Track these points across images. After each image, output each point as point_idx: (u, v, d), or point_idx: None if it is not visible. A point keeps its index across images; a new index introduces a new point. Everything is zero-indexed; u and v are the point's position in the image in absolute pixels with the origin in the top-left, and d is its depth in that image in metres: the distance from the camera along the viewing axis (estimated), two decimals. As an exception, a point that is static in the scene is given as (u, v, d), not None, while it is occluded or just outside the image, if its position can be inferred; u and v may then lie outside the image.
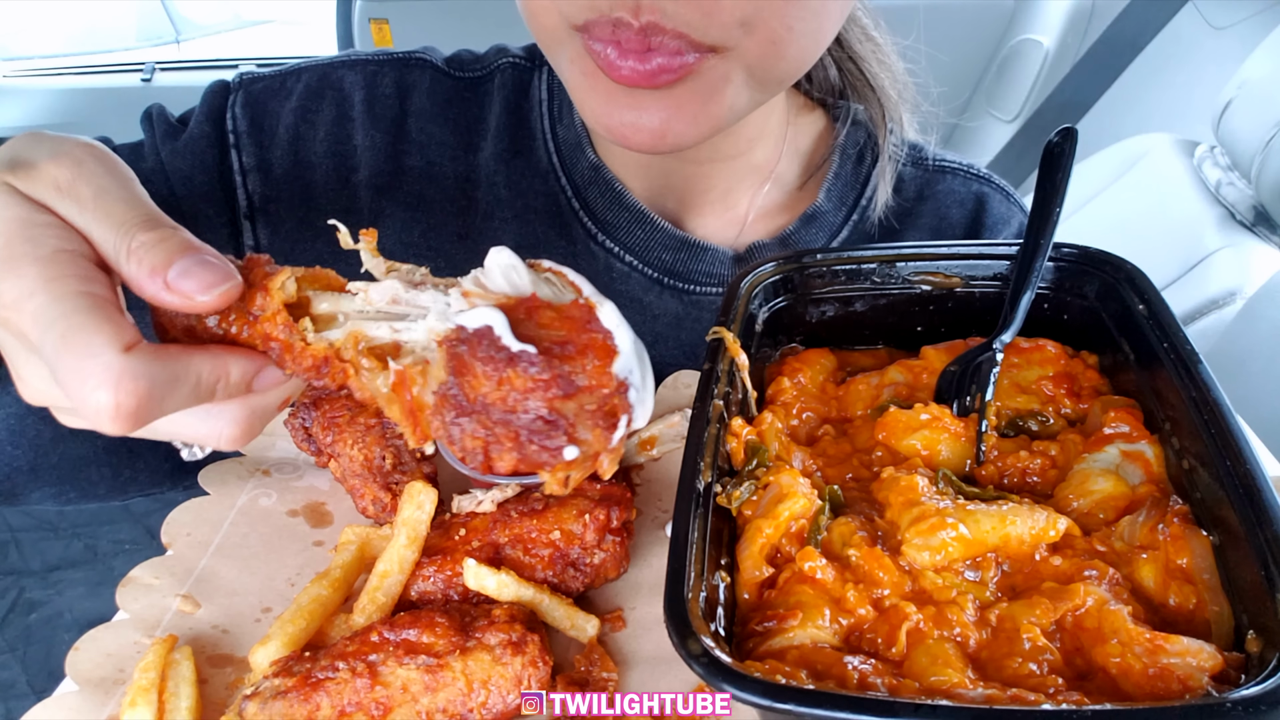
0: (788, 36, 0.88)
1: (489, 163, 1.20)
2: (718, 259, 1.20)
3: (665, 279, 1.20)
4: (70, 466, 1.12)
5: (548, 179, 1.20)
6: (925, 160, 1.30)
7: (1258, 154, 2.36)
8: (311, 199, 1.18)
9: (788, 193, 1.25)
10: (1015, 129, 3.67)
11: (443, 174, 1.20)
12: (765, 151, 1.21)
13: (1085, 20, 3.49)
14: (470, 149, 1.21)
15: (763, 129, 1.18)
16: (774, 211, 1.24)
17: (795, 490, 0.75)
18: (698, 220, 1.23)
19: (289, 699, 0.70)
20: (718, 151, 1.15)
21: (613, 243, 1.19)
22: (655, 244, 1.19)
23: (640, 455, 1.00)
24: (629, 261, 1.19)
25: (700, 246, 1.19)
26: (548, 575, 0.81)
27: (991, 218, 1.29)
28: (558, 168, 1.20)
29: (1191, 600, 0.68)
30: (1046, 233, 0.89)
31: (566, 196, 1.19)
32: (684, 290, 1.20)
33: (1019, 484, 0.81)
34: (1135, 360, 0.84)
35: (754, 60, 0.89)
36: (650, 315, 1.21)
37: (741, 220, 1.23)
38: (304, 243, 1.18)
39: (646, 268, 1.19)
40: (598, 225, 1.19)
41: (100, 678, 0.77)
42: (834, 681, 0.62)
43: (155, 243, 0.59)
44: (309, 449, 0.97)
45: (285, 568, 0.89)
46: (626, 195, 1.18)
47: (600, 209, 1.19)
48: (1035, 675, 0.62)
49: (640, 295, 1.20)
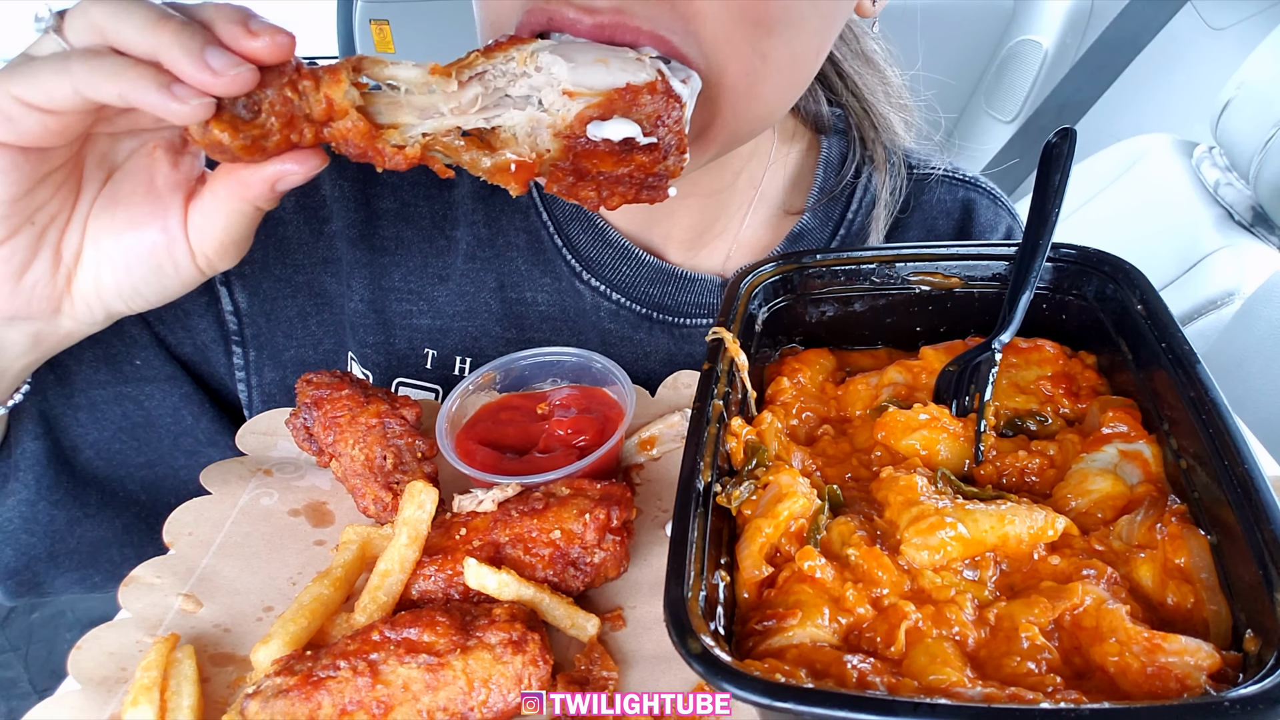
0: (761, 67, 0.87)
1: (465, 200, 1.19)
2: (705, 289, 1.19)
3: (654, 314, 1.19)
4: (90, 550, 1.11)
5: (528, 215, 1.19)
6: (913, 168, 1.29)
7: (1256, 154, 2.36)
8: (287, 255, 1.17)
9: (773, 213, 1.24)
10: (1014, 129, 3.67)
11: (418, 214, 1.19)
12: (749, 176, 1.19)
13: (1084, 21, 3.50)
14: (444, 185, 1.19)
15: (749, 156, 1.16)
16: (760, 233, 1.23)
17: (795, 490, 0.75)
18: (683, 252, 1.21)
19: (290, 697, 0.70)
20: (699, 187, 1.14)
21: (598, 280, 1.18)
22: (641, 279, 1.18)
23: (640, 455, 1.00)
24: (616, 300, 1.18)
25: (687, 278, 1.18)
26: (548, 574, 0.81)
27: (979, 225, 1.29)
28: (538, 202, 1.19)
29: (1189, 599, 0.68)
30: (1045, 233, 0.90)
31: (549, 233, 1.18)
32: (674, 324, 1.19)
33: (1017, 483, 0.82)
34: (1133, 360, 0.85)
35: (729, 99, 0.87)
36: (642, 353, 1.20)
37: (728, 247, 1.22)
38: (283, 299, 1.17)
39: (634, 304, 1.18)
40: (581, 263, 1.18)
41: (102, 676, 0.77)
42: (833, 680, 0.62)
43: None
44: (310, 449, 0.98)
45: (287, 567, 0.89)
46: (609, 231, 1.17)
47: (583, 245, 1.18)
48: (1034, 674, 0.63)
49: (630, 333, 1.19)
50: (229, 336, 1.16)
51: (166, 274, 0.81)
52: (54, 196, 0.76)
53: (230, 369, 1.18)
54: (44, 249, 0.77)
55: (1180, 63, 3.32)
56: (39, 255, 0.77)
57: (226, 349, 1.17)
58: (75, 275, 0.80)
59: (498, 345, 1.19)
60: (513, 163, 0.76)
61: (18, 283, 0.77)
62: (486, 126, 0.76)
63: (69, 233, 0.79)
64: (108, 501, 1.12)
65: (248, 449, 1.03)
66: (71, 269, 0.80)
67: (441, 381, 1.19)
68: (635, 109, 0.76)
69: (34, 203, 0.74)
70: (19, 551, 1.07)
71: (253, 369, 1.18)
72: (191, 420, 1.15)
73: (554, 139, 0.76)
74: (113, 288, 0.81)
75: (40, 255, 0.77)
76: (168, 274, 0.81)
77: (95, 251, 0.79)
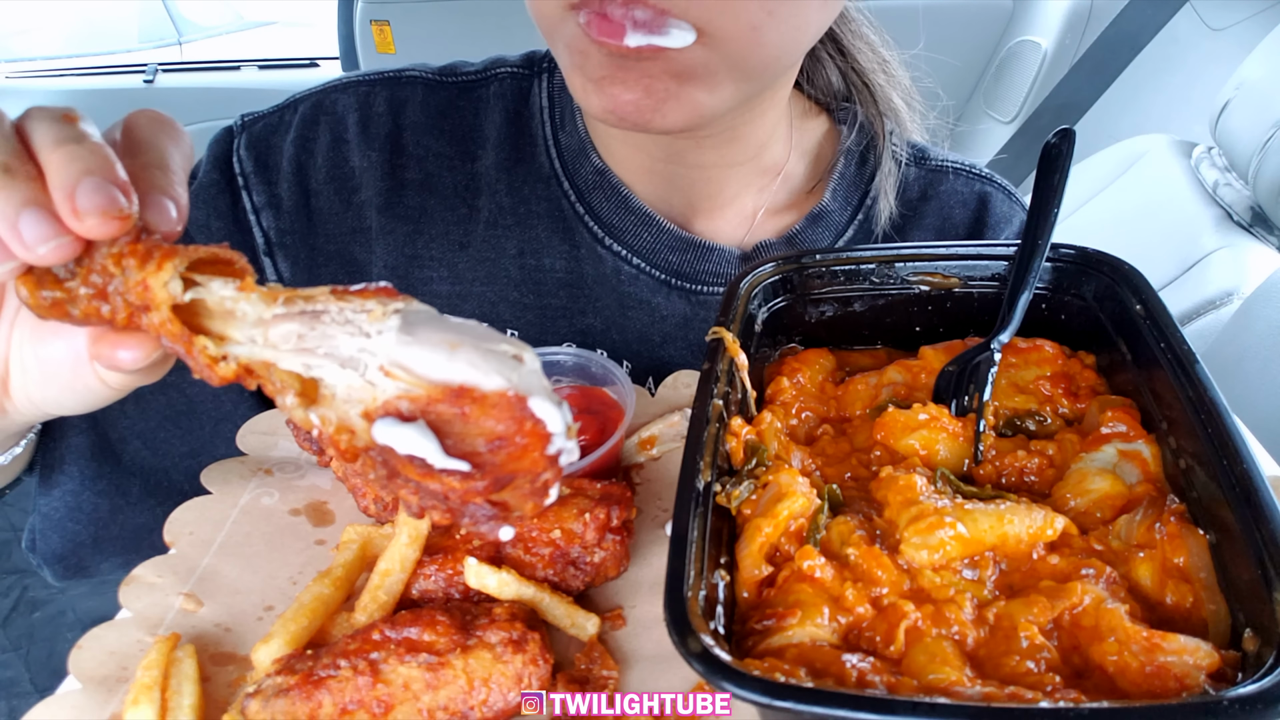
0: (768, 22, 0.88)
1: (489, 171, 1.21)
2: (724, 259, 1.20)
3: (673, 280, 1.20)
4: (132, 536, 1.15)
5: (550, 184, 1.20)
6: (928, 160, 1.31)
7: (1255, 155, 2.36)
8: (320, 225, 1.19)
9: (795, 192, 1.26)
10: (1013, 130, 3.67)
11: (442, 184, 1.20)
12: (774, 154, 1.22)
13: (1083, 21, 3.50)
14: (468, 158, 1.21)
15: (772, 133, 1.18)
16: (781, 210, 1.25)
17: (794, 489, 0.75)
18: (704, 222, 1.23)
19: (291, 697, 0.70)
20: (723, 158, 1.16)
21: (620, 245, 1.19)
22: (662, 246, 1.20)
23: (640, 455, 1.00)
24: (636, 264, 1.20)
25: (707, 247, 1.20)
26: (548, 574, 0.82)
27: (994, 217, 1.30)
28: (560, 173, 1.20)
29: (1188, 599, 0.68)
30: (1044, 233, 0.90)
31: (570, 201, 1.20)
32: (691, 291, 1.21)
33: (1017, 483, 0.82)
34: (1133, 360, 0.85)
35: (735, 49, 0.89)
36: (659, 317, 1.22)
37: (749, 220, 1.24)
38: (319, 268, 1.19)
39: (654, 270, 1.20)
40: (604, 229, 1.19)
41: (103, 676, 0.77)
42: (833, 679, 0.62)
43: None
44: (311, 448, 0.98)
45: (287, 566, 0.89)
46: (632, 198, 1.19)
47: (606, 213, 1.19)
48: (1033, 673, 0.63)
49: (648, 297, 1.21)
50: None
51: (73, 387, 0.72)
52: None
53: None
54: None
55: (1179, 63, 3.32)
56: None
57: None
58: (10, 382, 0.74)
59: (515, 311, 1.21)
60: (316, 430, 0.59)
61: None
62: (303, 374, 0.59)
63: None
64: (150, 490, 1.16)
65: (248, 449, 1.04)
66: (4, 376, 0.74)
67: None
68: (469, 421, 0.55)
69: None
70: (65, 538, 1.12)
71: None
72: (230, 407, 1.17)
73: (360, 418, 0.57)
74: (38, 394, 0.74)
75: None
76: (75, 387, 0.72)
77: (18, 359, 0.72)
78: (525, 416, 0.55)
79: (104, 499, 1.12)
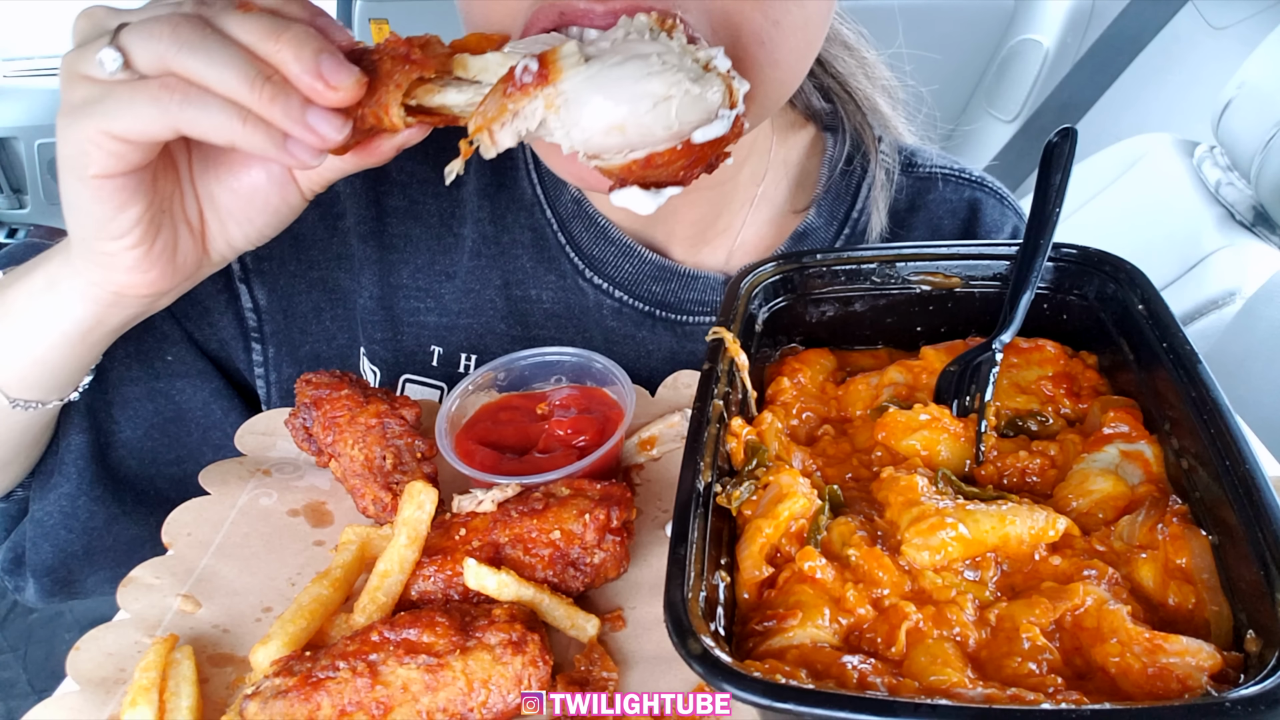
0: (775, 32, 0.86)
1: (472, 198, 1.20)
2: (708, 286, 1.19)
3: (657, 311, 1.19)
4: (125, 548, 1.13)
5: (533, 211, 1.19)
6: (916, 167, 1.28)
7: (1257, 154, 2.36)
8: (303, 251, 1.18)
9: (778, 212, 1.23)
10: (1015, 129, 3.67)
11: (426, 211, 1.19)
12: (751, 171, 1.19)
13: (1085, 20, 3.49)
14: (452, 184, 1.20)
15: (749, 150, 1.16)
16: (764, 232, 1.23)
17: (795, 490, 0.75)
18: (686, 249, 1.21)
19: (290, 698, 0.70)
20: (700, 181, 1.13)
21: (601, 279, 1.18)
22: (644, 276, 1.18)
23: (640, 455, 1.00)
24: (618, 298, 1.18)
25: (690, 275, 1.18)
26: (548, 575, 0.81)
27: (985, 226, 1.28)
28: (542, 199, 1.19)
29: (1190, 600, 0.68)
30: (1046, 233, 0.90)
31: (553, 230, 1.18)
32: (677, 322, 1.19)
33: (1018, 484, 0.82)
34: (1135, 360, 0.84)
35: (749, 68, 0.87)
36: (644, 351, 1.20)
37: (730, 245, 1.22)
38: (299, 295, 1.18)
39: (637, 301, 1.18)
40: (584, 261, 1.18)
41: (101, 677, 0.77)
42: (834, 681, 0.62)
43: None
44: (310, 449, 0.98)
45: (286, 567, 0.89)
46: (611, 229, 1.17)
47: (586, 243, 1.18)
48: (1034, 675, 0.63)
49: (633, 331, 1.19)
50: (248, 333, 1.18)
51: (279, 209, 0.87)
52: (165, 178, 0.82)
53: (250, 365, 1.19)
54: (180, 226, 0.84)
55: (1181, 62, 3.32)
56: (179, 233, 0.84)
57: (246, 345, 1.18)
58: (208, 234, 0.87)
59: (503, 343, 1.19)
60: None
61: (173, 263, 0.84)
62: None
63: (187, 202, 0.85)
64: (141, 500, 1.15)
65: (246, 449, 1.03)
66: (199, 230, 0.87)
67: (447, 378, 1.20)
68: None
69: (161, 197, 0.81)
70: (56, 548, 1.10)
71: (271, 365, 1.19)
72: (220, 415, 1.17)
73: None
74: (238, 234, 0.88)
75: (180, 232, 0.84)
76: (280, 209, 0.88)
77: (212, 208, 0.86)
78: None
79: (100, 506, 1.10)
